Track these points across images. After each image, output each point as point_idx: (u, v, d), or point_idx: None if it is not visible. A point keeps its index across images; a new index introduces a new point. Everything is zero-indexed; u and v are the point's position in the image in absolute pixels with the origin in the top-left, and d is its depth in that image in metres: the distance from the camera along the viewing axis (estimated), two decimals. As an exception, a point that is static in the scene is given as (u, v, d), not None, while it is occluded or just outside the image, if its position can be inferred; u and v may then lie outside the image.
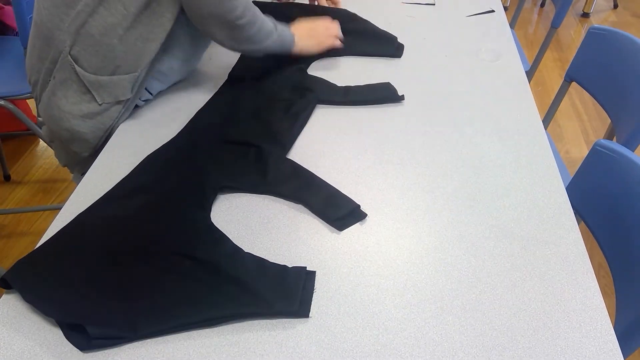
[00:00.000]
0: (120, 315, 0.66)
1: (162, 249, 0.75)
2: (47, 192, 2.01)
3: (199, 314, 0.67)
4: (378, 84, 1.14)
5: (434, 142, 0.99)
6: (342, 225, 0.81)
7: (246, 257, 0.75)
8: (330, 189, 0.87)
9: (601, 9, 3.58)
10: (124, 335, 0.64)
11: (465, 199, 0.87)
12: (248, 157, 0.92)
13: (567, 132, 2.42)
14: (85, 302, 0.67)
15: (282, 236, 0.79)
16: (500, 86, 1.15)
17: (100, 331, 0.64)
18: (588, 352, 0.65)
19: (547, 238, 0.80)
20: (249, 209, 0.84)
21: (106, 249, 0.75)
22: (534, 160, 0.95)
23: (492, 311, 0.70)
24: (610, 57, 1.31)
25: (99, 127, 1.00)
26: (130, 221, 0.79)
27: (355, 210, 0.83)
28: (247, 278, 0.70)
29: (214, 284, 0.70)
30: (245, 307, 0.68)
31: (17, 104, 1.65)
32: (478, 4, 1.50)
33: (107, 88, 0.97)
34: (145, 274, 0.71)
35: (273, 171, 0.89)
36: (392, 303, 0.70)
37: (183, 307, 0.67)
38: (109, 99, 0.97)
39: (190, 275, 0.71)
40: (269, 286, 0.70)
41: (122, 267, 0.72)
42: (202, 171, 0.88)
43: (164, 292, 0.69)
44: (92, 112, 0.98)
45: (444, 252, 0.78)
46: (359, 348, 0.65)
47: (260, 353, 0.64)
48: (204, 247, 0.75)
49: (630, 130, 1.16)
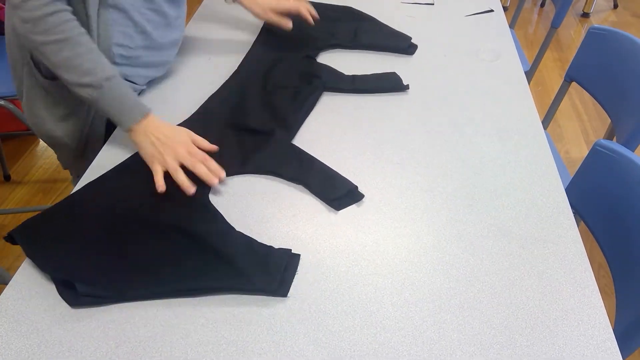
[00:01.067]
0: (108, 276, 0.71)
1: (158, 220, 0.79)
2: (47, 192, 2.01)
3: (182, 283, 0.70)
4: (384, 74, 1.16)
5: (433, 142, 0.99)
6: (339, 205, 0.84)
7: (235, 236, 0.78)
8: (329, 171, 0.90)
9: (601, 9, 3.58)
10: (110, 295, 0.69)
11: (464, 198, 0.87)
12: (254, 142, 0.95)
13: (567, 132, 2.42)
14: (79, 262, 0.73)
15: (281, 227, 0.80)
16: (500, 86, 1.15)
17: (88, 289, 0.68)
18: (587, 351, 0.65)
19: (545, 237, 0.80)
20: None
21: (106, 216, 0.80)
22: (532, 160, 0.95)
23: (490, 310, 0.70)
24: (610, 57, 1.31)
25: (72, 128, 1.00)
26: (133, 192, 0.84)
27: (352, 191, 0.86)
28: (233, 255, 0.74)
29: (201, 256, 0.74)
30: (227, 281, 0.71)
31: (17, 104, 1.65)
32: (477, 3, 1.50)
33: (65, 89, 0.93)
34: (138, 241, 0.76)
35: (276, 154, 0.93)
36: (390, 302, 0.70)
37: (168, 275, 0.71)
38: (70, 100, 0.97)
39: (179, 247, 0.75)
40: (252, 264, 0.73)
41: (118, 233, 0.77)
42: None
43: (152, 259, 0.74)
44: (61, 115, 0.98)
45: (443, 251, 0.77)
46: (357, 347, 0.65)
47: (258, 352, 0.64)
48: (198, 222, 0.79)
49: (630, 130, 1.15)
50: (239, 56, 1.21)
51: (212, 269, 0.72)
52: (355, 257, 0.76)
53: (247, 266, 0.72)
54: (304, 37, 1.26)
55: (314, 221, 0.82)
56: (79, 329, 0.66)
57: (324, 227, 0.81)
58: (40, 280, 0.72)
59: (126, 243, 0.76)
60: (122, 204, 0.82)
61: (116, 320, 0.67)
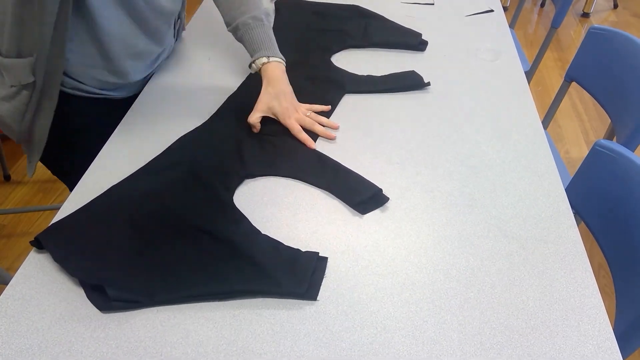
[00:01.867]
0: (139, 281, 0.70)
1: (185, 223, 0.79)
2: (47, 192, 2.01)
3: (211, 287, 0.70)
4: (402, 73, 1.16)
5: (433, 142, 0.99)
6: (364, 209, 0.84)
7: (262, 239, 0.78)
8: (353, 174, 0.90)
9: (601, 9, 3.58)
10: (141, 300, 0.68)
11: (464, 198, 0.87)
12: (275, 146, 0.96)
13: (567, 132, 2.42)
14: (109, 266, 0.72)
15: (282, 227, 0.80)
16: (500, 86, 1.15)
17: (119, 294, 0.68)
18: (586, 350, 0.65)
19: (545, 237, 0.80)
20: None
21: (133, 219, 0.79)
22: (532, 160, 0.95)
23: (490, 310, 0.70)
24: (610, 57, 1.31)
25: (14, 111, 0.99)
26: (159, 195, 0.84)
27: (377, 194, 0.86)
28: (261, 258, 0.74)
29: (229, 260, 0.74)
30: (255, 285, 0.70)
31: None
32: (477, 3, 1.50)
33: (12, 70, 0.95)
34: (166, 245, 0.76)
35: (297, 157, 0.93)
36: (391, 302, 0.70)
37: (197, 279, 0.71)
38: (14, 82, 0.97)
39: (207, 250, 0.75)
40: (280, 267, 0.73)
41: (146, 237, 0.77)
42: (230, 156, 0.92)
43: (181, 264, 0.73)
44: (7, 94, 0.98)
45: (443, 251, 0.77)
46: (357, 347, 0.65)
47: (259, 352, 0.64)
48: (224, 225, 0.79)
49: (630, 130, 1.16)
50: (240, 56, 1.21)
51: (241, 272, 0.72)
52: (356, 257, 0.76)
53: (275, 269, 0.72)
54: (315, 38, 1.26)
55: (315, 222, 0.82)
56: (79, 329, 0.66)
57: (324, 227, 0.81)
58: (41, 280, 0.72)
59: (154, 246, 0.75)
60: (148, 206, 0.81)
61: (116, 320, 0.67)
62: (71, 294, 0.70)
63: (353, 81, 1.14)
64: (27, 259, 0.75)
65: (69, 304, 0.69)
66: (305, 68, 1.17)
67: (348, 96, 1.11)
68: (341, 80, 1.13)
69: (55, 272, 0.73)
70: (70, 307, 0.69)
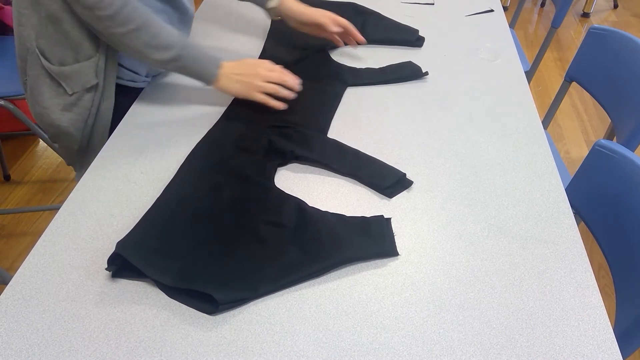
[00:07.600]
0: (240, 279, 0.71)
1: (254, 219, 0.80)
2: (47, 192, 2.01)
3: (305, 268, 0.72)
4: (400, 63, 1.19)
5: (433, 142, 0.99)
6: (392, 193, 0.87)
7: (328, 215, 0.81)
8: (377, 161, 0.92)
9: (601, 9, 3.58)
10: (248, 296, 0.70)
11: (464, 198, 0.87)
12: (298, 133, 0.97)
13: (567, 132, 2.42)
14: (199, 270, 0.72)
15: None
16: (500, 86, 1.15)
17: (225, 296, 0.68)
18: (586, 350, 0.65)
19: (545, 237, 0.80)
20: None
21: (199, 216, 0.80)
22: (532, 160, 0.95)
23: (490, 310, 0.70)
24: (610, 57, 1.31)
25: (77, 118, 1.00)
26: (215, 189, 0.84)
27: (402, 178, 0.89)
28: (338, 230, 0.77)
29: (310, 240, 0.76)
30: (340, 256, 0.74)
31: (17, 104, 1.65)
32: (477, 3, 1.50)
33: (73, 77, 0.96)
34: (249, 243, 0.76)
35: (320, 148, 0.94)
36: (391, 302, 0.70)
37: (292, 265, 0.73)
38: (77, 88, 0.98)
39: (286, 239, 0.77)
40: (356, 234, 0.77)
41: (219, 232, 0.77)
42: (261, 151, 0.93)
43: (273, 255, 0.74)
44: (67, 104, 0.98)
45: (443, 251, 0.77)
46: (357, 347, 0.65)
47: (258, 352, 0.64)
48: (289, 211, 0.81)
49: (630, 130, 1.16)
50: (241, 55, 1.21)
51: (328, 248, 0.74)
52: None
53: (351, 237, 0.76)
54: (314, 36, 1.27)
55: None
56: (79, 329, 0.66)
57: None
58: (41, 280, 0.72)
59: (236, 246, 0.75)
60: (208, 200, 0.82)
61: (116, 320, 0.67)
62: (71, 294, 0.70)
63: (353, 74, 1.16)
64: (27, 259, 0.75)
65: (69, 304, 0.69)
66: (307, 65, 1.18)
67: (348, 96, 1.11)
68: (342, 74, 1.15)
69: (55, 272, 0.73)
70: (70, 307, 0.69)
